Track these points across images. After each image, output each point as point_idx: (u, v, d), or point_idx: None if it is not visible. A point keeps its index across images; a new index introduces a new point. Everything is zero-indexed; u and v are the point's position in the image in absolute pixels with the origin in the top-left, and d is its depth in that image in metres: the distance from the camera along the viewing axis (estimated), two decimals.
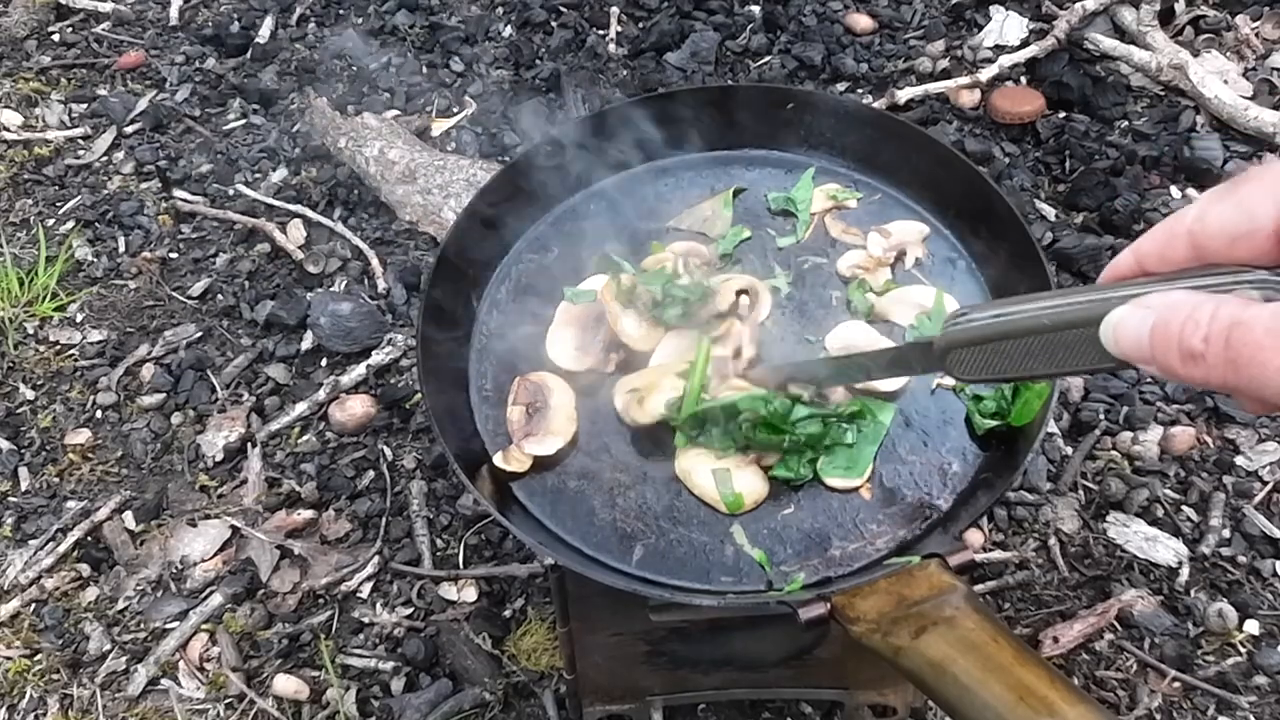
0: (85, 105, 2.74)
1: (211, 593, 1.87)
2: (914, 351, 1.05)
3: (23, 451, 2.09)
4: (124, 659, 1.81)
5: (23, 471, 2.07)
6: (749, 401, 1.25)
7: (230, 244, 2.40)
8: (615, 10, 2.82)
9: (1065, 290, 0.79)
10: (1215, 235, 0.68)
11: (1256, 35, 2.66)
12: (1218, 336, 0.64)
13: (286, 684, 1.75)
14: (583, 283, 1.48)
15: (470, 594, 1.84)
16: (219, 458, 2.03)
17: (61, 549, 1.93)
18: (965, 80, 2.54)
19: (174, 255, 2.40)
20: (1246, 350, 0.63)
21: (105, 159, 2.62)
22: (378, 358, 2.14)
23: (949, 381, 1.36)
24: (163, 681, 1.79)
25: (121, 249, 2.43)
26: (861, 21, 2.74)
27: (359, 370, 2.12)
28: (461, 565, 1.87)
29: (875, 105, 2.47)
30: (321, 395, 2.09)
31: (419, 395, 2.03)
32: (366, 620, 1.83)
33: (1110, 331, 0.72)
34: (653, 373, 1.36)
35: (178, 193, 2.50)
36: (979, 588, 1.79)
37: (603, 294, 1.40)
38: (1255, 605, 1.76)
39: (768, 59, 2.69)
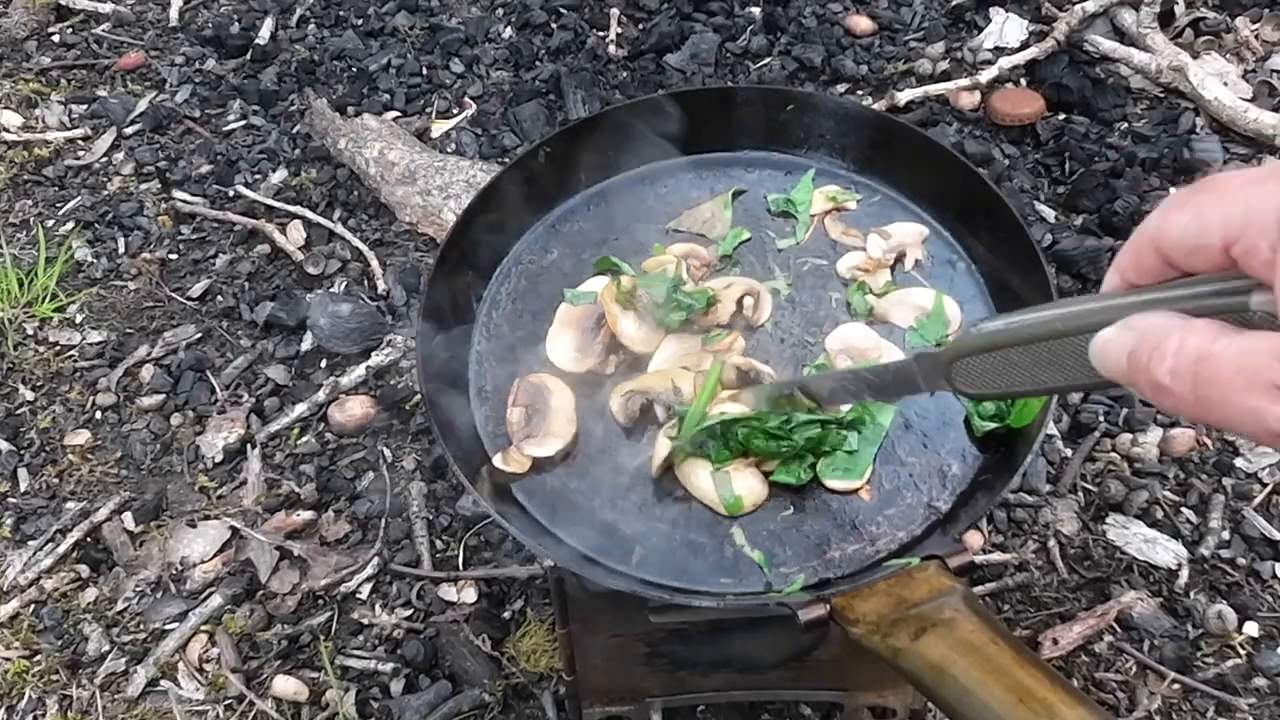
0: (85, 106, 2.74)
1: (211, 594, 1.87)
2: (920, 363, 0.98)
3: (22, 452, 2.09)
4: (123, 660, 1.81)
5: (22, 472, 2.07)
6: (747, 418, 1.25)
7: (230, 245, 2.40)
8: (615, 12, 2.82)
9: (1078, 298, 0.76)
10: (1174, 246, 0.64)
11: (1256, 37, 2.66)
12: (1185, 372, 0.60)
13: (286, 685, 1.75)
14: (583, 284, 1.48)
15: (470, 595, 1.84)
16: (218, 459, 2.03)
17: (61, 550, 1.93)
18: (965, 82, 2.54)
19: (174, 256, 2.40)
20: (1216, 390, 0.58)
21: (105, 160, 2.62)
22: (377, 359, 2.14)
23: None
24: (162, 682, 1.79)
25: (121, 250, 2.43)
26: (861, 23, 2.74)
27: (359, 371, 2.13)
28: (461, 566, 1.87)
29: (875, 107, 2.47)
30: (321, 396, 2.09)
31: (419, 396, 2.03)
32: (366, 621, 1.83)
33: (1095, 353, 0.68)
34: (650, 378, 1.36)
35: (177, 194, 2.50)
36: (978, 589, 1.79)
37: (602, 296, 1.40)
38: (1255, 607, 1.76)
39: (767, 60, 2.69)
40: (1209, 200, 0.61)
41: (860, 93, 2.61)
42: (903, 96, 2.52)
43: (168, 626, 1.84)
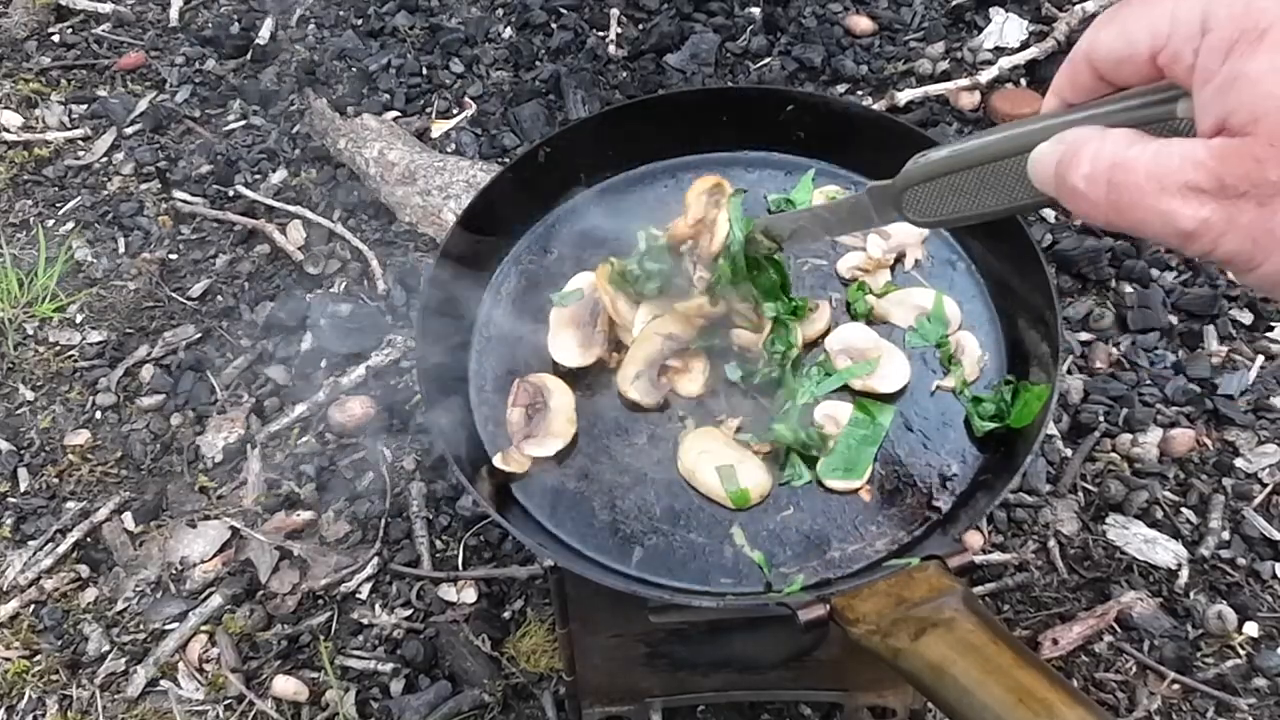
0: (85, 106, 2.74)
1: (211, 594, 1.87)
2: (872, 196, 1.02)
3: (22, 452, 2.09)
4: (123, 660, 1.81)
5: (22, 472, 2.07)
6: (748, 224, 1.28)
7: (230, 245, 2.40)
8: (615, 12, 2.82)
9: (1018, 122, 0.78)
10: (1103, 59, 0.67)
11: None
12: (1100, 177, 0.63)
13: (286, 685, 1.75)
14: (566, 285, 1.47)
15: (470, 595, 1.84)
16: (218, 459, 2.03)
17: (61, 550, 1.93)
18: (965, 82, 2.54)
19: (174, 256, 2.40)
20: (1128, 195, 0.61)
21: (105, 160, 2.62)
22: (377, 359, 2.14)
23: (949, 383, 1.36)
24: (162, 682, 1.79)
25: (121, 250, 2.43)
26: (861, 23, 2.74)
27: (358, 372, 2.12)
28: (461, 566, 1.87)
29: (875, 107, 2.47)
30: (321, 396, 2.09)
31: (418, 397, 2.03)
32: (366, 621, 1.83)
33: (1031, 168, 0.71)
34: (640, 342, 1.35)
35: (177, 194, 2.50)
36: (978, 590, 1.79)
37: (597, 279, 1.40)
38: (1254, 607, 1.76)
39: (767, 61, 2.69)
40: (1135, 13, 0.65)
41: (860, 93, 2.61)
42: (903, 96, 2.52)
43: (168, 626, 1.84)
